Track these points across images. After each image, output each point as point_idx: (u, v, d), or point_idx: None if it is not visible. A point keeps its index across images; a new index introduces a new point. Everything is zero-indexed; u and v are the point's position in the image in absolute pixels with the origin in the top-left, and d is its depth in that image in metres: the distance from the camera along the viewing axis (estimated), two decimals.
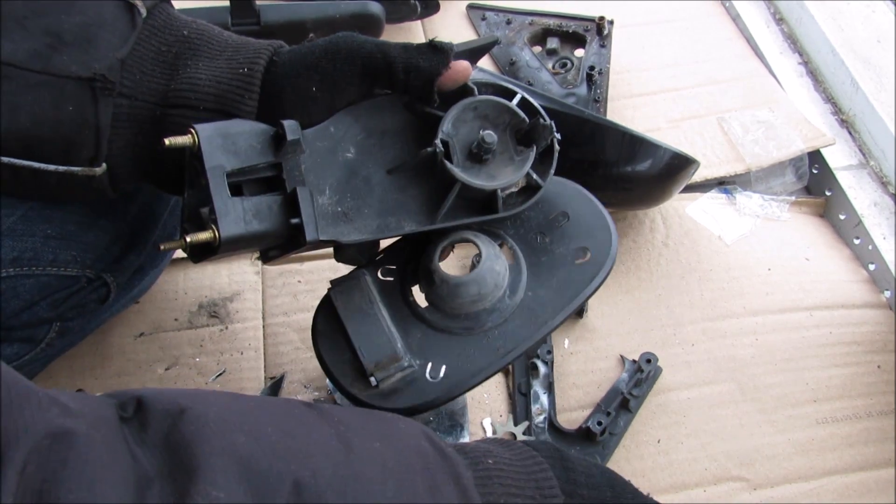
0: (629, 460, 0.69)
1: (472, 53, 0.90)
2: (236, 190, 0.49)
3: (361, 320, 0.54)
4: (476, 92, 0.55)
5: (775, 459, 0.69)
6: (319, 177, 0.53)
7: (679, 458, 0.69)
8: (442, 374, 0.52)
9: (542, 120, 0.55)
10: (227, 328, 0.77)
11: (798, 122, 0.93)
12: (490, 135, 0.54)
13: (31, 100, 0.47)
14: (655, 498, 0.66)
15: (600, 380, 0.73)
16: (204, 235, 0.47)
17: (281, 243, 0.52)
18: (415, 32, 1.05)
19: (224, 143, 0.48)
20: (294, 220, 0.49)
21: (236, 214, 0.48)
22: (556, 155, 0.57)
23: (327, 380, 0.72)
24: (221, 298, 0.79)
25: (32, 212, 0.55)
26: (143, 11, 0.51)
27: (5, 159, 0.48)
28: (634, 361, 0.73)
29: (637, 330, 0.77)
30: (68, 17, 0.49)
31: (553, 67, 0.99)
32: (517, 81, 0.94)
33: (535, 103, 0.57)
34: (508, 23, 1.05)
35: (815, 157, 0.92)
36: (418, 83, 0.53)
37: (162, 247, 0.51)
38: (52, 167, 0.49)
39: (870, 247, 0.84)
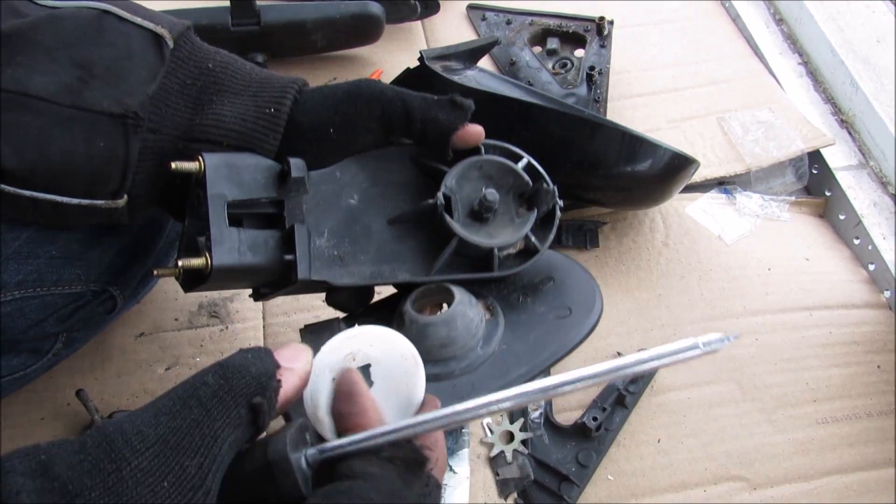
0: (629, 460, 0.69)
1: (473, 54, 0.90)
2: (236, 222, 0.50)
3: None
4: (483, 152, 0.56)
5: (775, 459, 0.69)
6: (320, 218, 0.53)
7: (679, 458, 0.69)
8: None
9: (545, 185, 0.56)
10: (227, 328, 0.77)
11: (798, 122, 0.93)
12: (492, 193, 0.54)
13: (62, 134, 0.47)
14: (655, 498, 0.67)
15: None
16: (196, 261, 0.47)
17: (273, 280, 0.52)
18: (415, 32, 1.05)
19: (229, 174, 0.49)
20: (288, 257, 0.49)
21: (231, 244, 0.48)
22: (556, 221, 0.57)
23: None
24: (221, 298, 0.79)
25: (37, 234, 0.55)
26: (171, 44, 0.51)
27: (27, 193, 0.48)
28: None
29: (637, 330, 0.77)
30: (97, 49, 0.49)
31: (553, 67, 0.99)
32: (516, 83, 0.94)
33: (540, 169, 0.57)
34: (508, 23, 1.05)
35: (815, 157, 0.92)
36: (434, 136, 0.53)
37: (155, 272, 0.51)
38: (75, 201, 0.49)
39: (869, 247, 0.84)
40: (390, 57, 1.01)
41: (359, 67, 1.00)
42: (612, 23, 1.02)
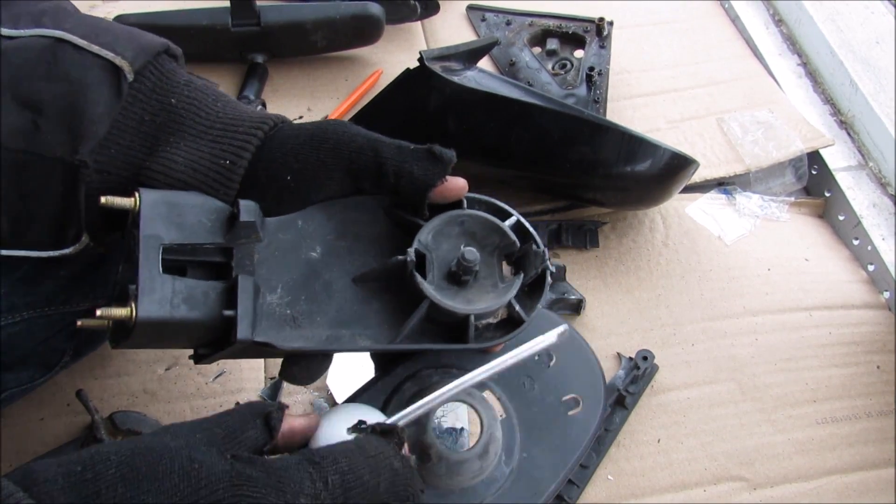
0: (629, 460, 0.69)
1: (472, 54, 0.90)
2: (177, 270, 0.44)
3: None
4: (465, 205, 0.50)
5: (775, 459, 0.69)
6: (273, 272, 0.46)
7: (679, 458, 0.69)
8: None
9: (535, 246, 0.50)
10: None
11: (797, 122, 0.93)
12: (472, 252, 0.47)
13: (18, 181, 0.45)
14: (655, 498, 0.67)
15: None
16: (119, 311, 0.40)
17: (211, 339, 0.45)
18: (415, 33, 1.05)
19: (168, 214, 0.43)
20: (227, 313, 0.42)
21: (163, 294, 0.41)
22: (546, 287, 0.50)
23: (327, 380, 0.73)
24: None
25: (44, 258, 0.54)
26: (130, 76, 0.46)
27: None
28: (631, 359, 0.74)
29: (637, 329, 0.77)
30: (49, 85, 0.44)
31: (553, 68, 0.99)
32: (516, 83, 0.95)
33: (530, 228, 0.51)
34: (508, 24, 1.05)
35: (815, 157, 0.92)
36: (408, 191, 0.48)
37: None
38: (45, 254, 0.47)
39: (869, 247, 0.84)
40: (390, 57, 1.01)
41: (359, 67, 1.00)
42: (611, 23, 1.02)
